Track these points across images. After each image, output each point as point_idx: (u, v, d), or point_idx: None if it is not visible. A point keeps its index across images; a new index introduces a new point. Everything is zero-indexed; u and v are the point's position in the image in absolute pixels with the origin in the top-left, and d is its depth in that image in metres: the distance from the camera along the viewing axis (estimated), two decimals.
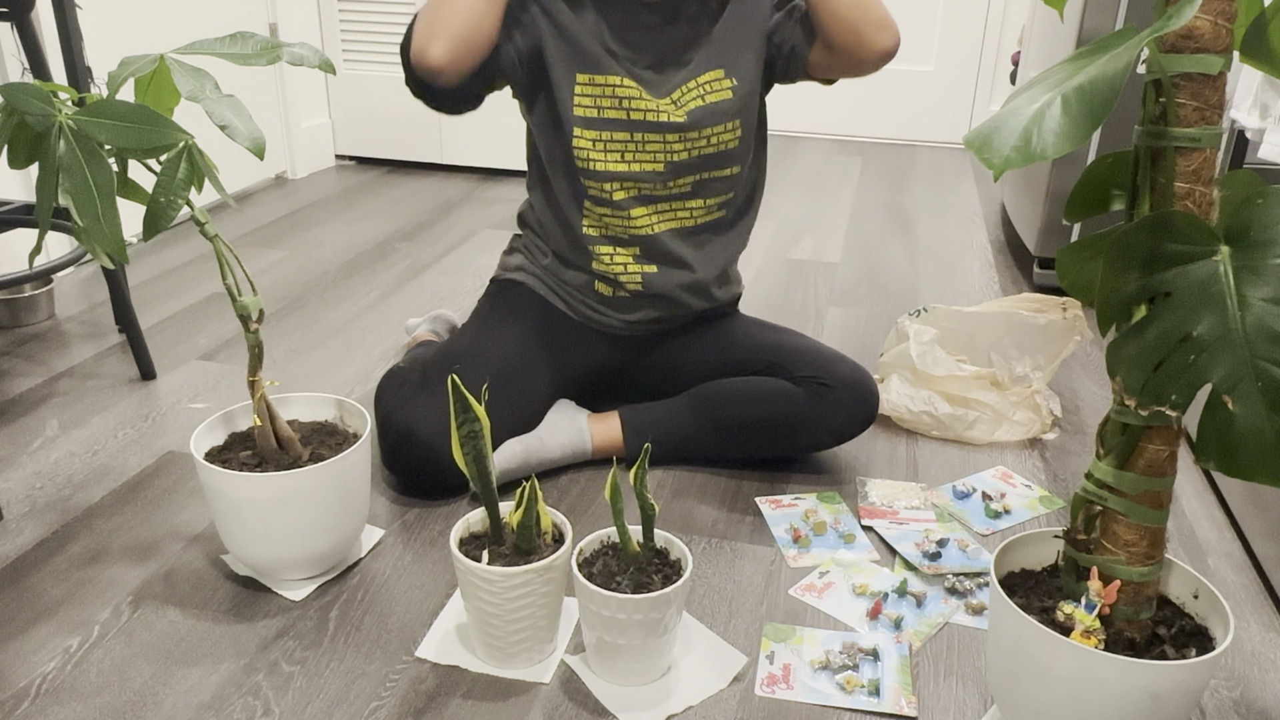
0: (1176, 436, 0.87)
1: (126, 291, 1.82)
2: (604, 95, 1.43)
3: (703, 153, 1.47)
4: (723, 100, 1.45)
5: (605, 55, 1.43)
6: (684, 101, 1.44)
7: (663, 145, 1.45)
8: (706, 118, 1.45)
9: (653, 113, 1.43)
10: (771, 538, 1.39)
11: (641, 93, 1.43)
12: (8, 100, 1.03)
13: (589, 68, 1.43)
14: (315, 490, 1.20)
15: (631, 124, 1.44)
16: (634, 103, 1.43)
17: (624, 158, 1.46)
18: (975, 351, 1.79)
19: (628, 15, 1.43)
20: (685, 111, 1.44)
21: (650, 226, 1.49)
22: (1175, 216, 0.80)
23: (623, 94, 1.43)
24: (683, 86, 1.44)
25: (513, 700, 1.10)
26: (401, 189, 3.14)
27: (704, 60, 1.45)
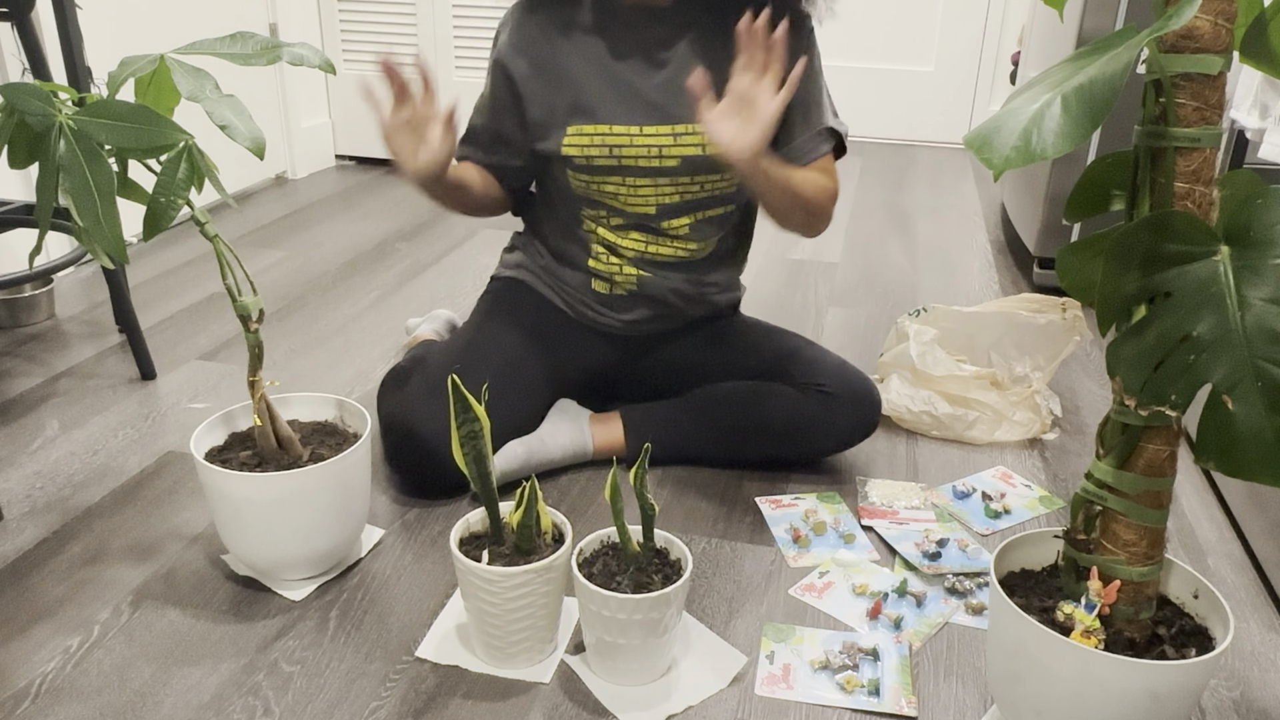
0: (1176, 436, 0.87)
1: (126, 291, 1.82)
2: (593, 144, 1.40)
3: (696, 197, 1.45)
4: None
5: (596, 100, 1.40)
6: (682, 143, 1.40)
7: (654, 189, 1.43)
8: (702, 166, 1.41)
9: (644, 158, 1.40)
10: (771, 538, 1.39)
11: (633, 138, 1.39)
12: (8, 100, 1.03)
13: (578, 117, 1.41)
14: (315, 490, 1.19)
15: (623, 169, 1.42)
16: (624, 150, 1.40)
17: (617, 199, 1.45)
18: (975, 351, 1.79)
19: (638, 49, 1.39)
20: (680, 156, 1.40)
21: (645, 248, 1.49)
22: (1175, 216, 0.80)
23: (613, 141, 1.40)
24: (688, 125, 1.39)
25: (513, 700, 1.10)
26: (401, 189, 3.14)
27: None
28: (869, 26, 3.70)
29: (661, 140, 1.40)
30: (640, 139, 1.40)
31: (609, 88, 1.40)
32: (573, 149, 1.41)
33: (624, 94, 1.40)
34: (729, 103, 1.20)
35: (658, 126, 1.39)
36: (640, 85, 1.39)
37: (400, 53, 1.24)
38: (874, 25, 3.69)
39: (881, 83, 3.76)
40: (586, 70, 1.40)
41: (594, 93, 1.40)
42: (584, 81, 1.40)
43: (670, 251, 1.49)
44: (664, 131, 1.39)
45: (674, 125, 1.39)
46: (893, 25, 3.68)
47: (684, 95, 1.38)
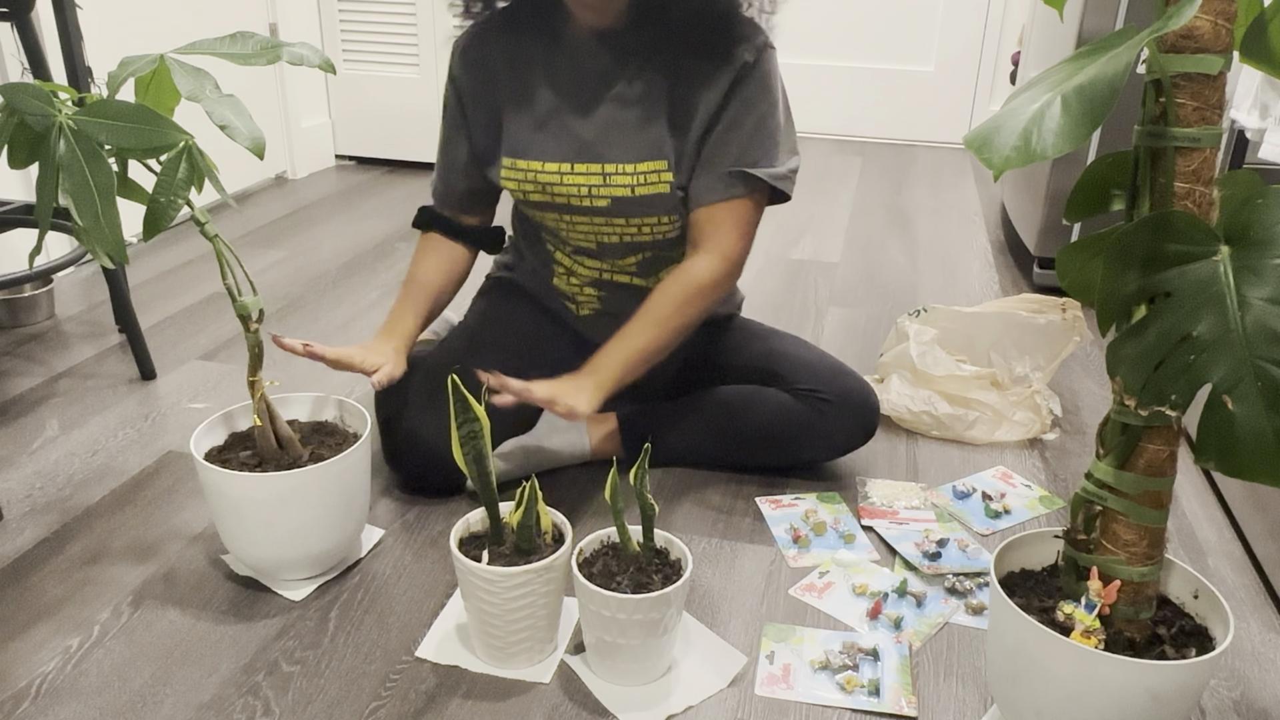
0: (1176, 436, 0.87)
1: (126, 291, 1.82)
2: (525, 180, 1.39)
3: (636, 239, 1.42)
4: (658, 194, 1.35)
5: (531, 134, 1.37)
6: (612, 184, 1.35)
7: (591, 227, 1.41)
8: (633, 208, 1.36)
9: (575, 197, 1.37)
10: (771, 538, 1.39)
11: (563, 176, 1.35)
12: (8, 100, 1.03)
13: (510, 151, 1.39)
14: (315, 490, 1.19)
15: (556, 206, 1.40)
16: (556, 188, 1.37)
17: (559, 233, 1.45)
18: (975, 351, 1.79)
19: (579, 83, 1.36)
20: (610, 197, 1.36)
21: (600, 275, 1.49)
22: (1175, 216, 0.80)
23: (544, 179, 1.37)
24: (619, 165, 1.34)
25: (513, 700, 1.10)
26: (401, 189, 3.14)
27: (648, 147, 1.34)
28: (869, 26, 3.70)
29: (591, 180, 1.36)
30: (571, 177, 1.36)
31: (545, 122, 1.37)
32: (509, 183, 1.41)
33: (558, 130, 1.36)
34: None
35: (589, 165, 1.35)
36: (576, 122, 1.36)
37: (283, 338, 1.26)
38: (874, 25, 3.69)
39: (881, 83, 3.76)
40: (526, 102, 1.38)
41: (530, 126, 1.38)
42: (522, 114, 1.39)
43: (626, 279, 1.49)
44: (594, 170, 1.35)
45: (604, 164, 1.35)
46: (893, 25, 3.68)
47: (618, 135, 1.34)
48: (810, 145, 3.76)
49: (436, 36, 3.16)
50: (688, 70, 1.32)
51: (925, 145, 3.79)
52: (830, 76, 3.79)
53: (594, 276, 1.49)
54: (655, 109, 1.34)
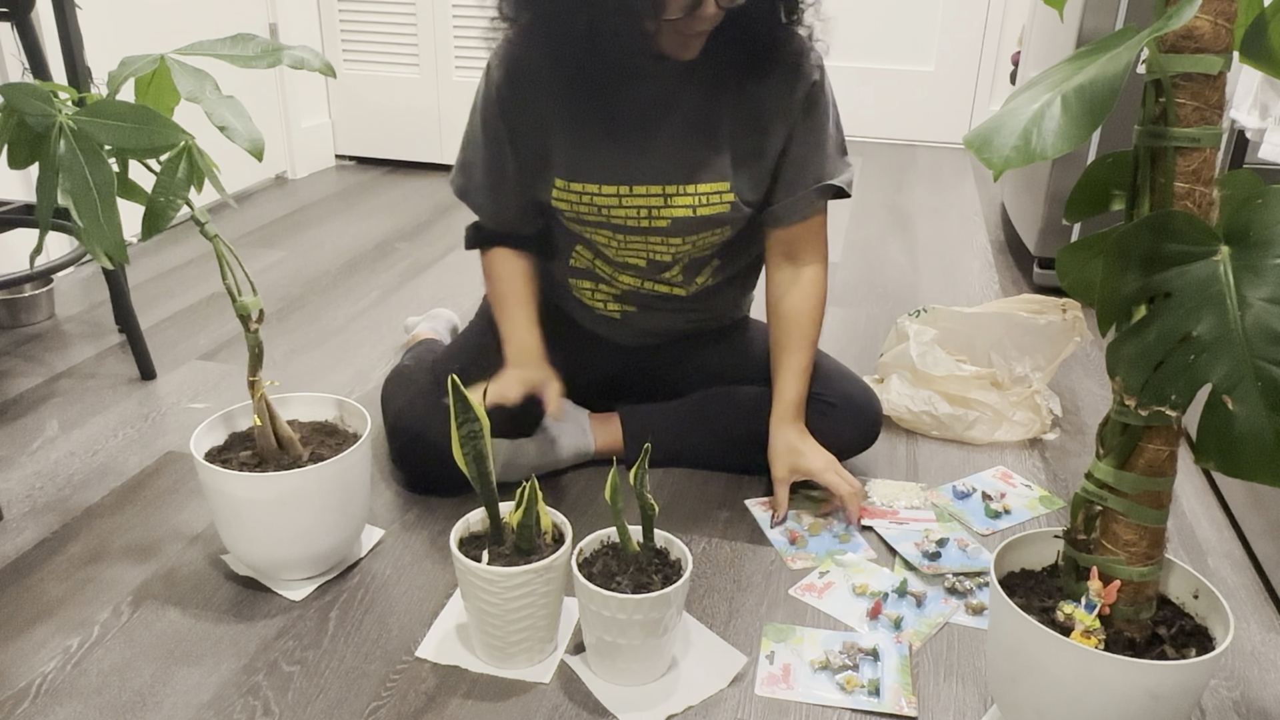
0: (1176, 436, 0.87)
1: (126, 291, 1.82)
2: (580, 201, 1.36)
3: (686, 254, 1.43)
4: (716, 214, 1.36)
5: (584, 156, 1.34)
6: (673, 204, 1.35)
7: (645, 246, 1.40)
8: (693, 227, 1.37)
9: (633, 219, 1.36)
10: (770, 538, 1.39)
11: (622, 198, 1.34)
12: (8, 100, 1.03)
13: (564, 173, 1.36)
14: (315, 490, 1.19)
15: (611, 226, 1.38)
16: (613, 210, 1.35)
17: (609, 249, 1.43)
18: (975, 352, 1.79)
19: (638, 104, 1.33)
20: (670, 218, 1.35)
21: (636, 288, 1.48)
22: (1175, 216, 0.80)
23: (600, 201, 1.35)
24: (680, 186, 1.34)
25: (513, 700, 1.10)
26: (401, 189, 3.14)
27: (710, 168, 1.34)
28: (869, 26, 3.70)
29: (652, 201, 1.35)
30: (630, 199, 1.35)
31: (601, 145, 1.34)
32: (561, 204, 1.38)
33: (616, 152, 1.34)
34: None
35: (648, 186, 1.34)
36: (635, 144, 1.33)
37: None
38: (874, 25, 3.69)
39: (881, 83, 3.76)
40: (579, 123, 1.34)
41: (584, 148, 1.34)
42: (575, 135, 1.34)
43: (666, 289, 1.49)
44: (654, 191, 1.34)
45: (664, 186, 1.34)
46: (893, 25, 3.68)
47: (680, 157, 1.33)
48: None
49: (436, 36, 3.16)
50: (754, 92, 1.33)
51: (925, 145, 3.79)
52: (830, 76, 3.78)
53: (633, 287, 1.48)
54: (718, 131, 1.34)
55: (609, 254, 1.44)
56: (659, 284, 1.48)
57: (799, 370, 1.43)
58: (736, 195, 1.36)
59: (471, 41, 3.15)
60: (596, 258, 1.47)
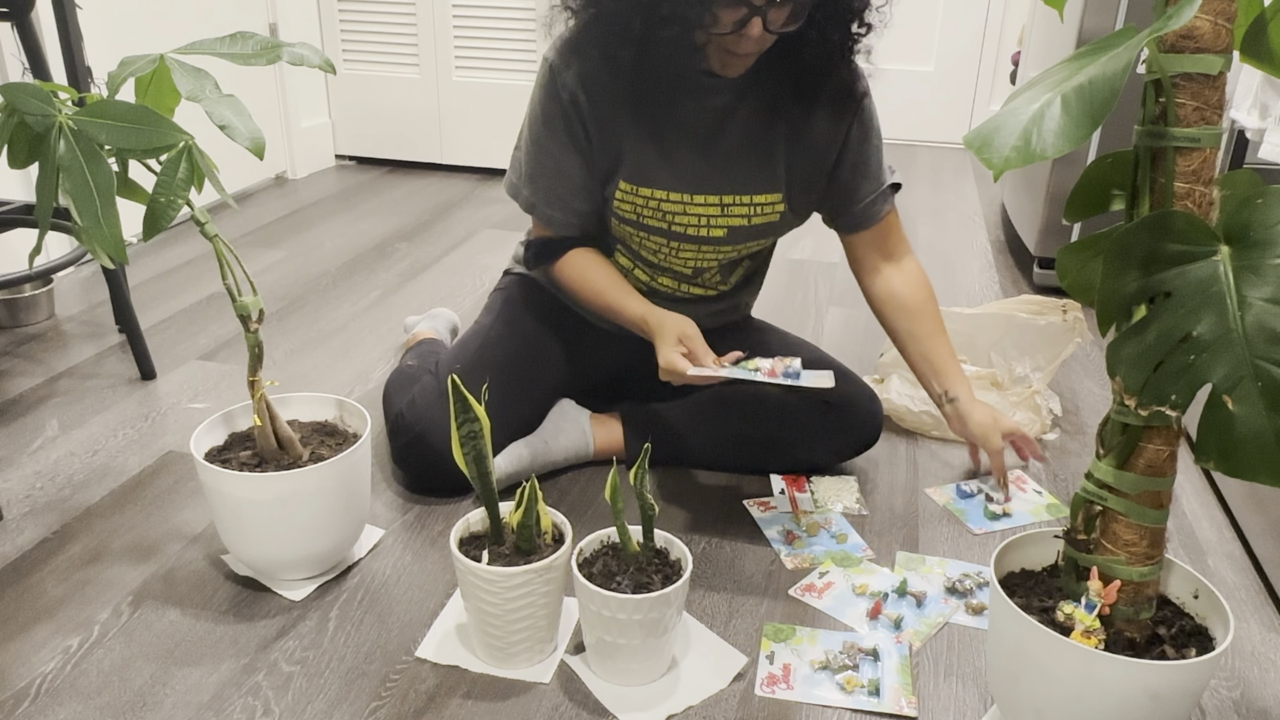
0: (1176, 436, 0.87)
1: (126, 291, 1.82)
2: (646, 206, 1.40)
3: (730, 259, 1.48)
4: (769, 223, 1.43)
5: (654, 163, 1.37)
6: (729, 214, 1.40)
7: (696, 254, 1.45)
8: (745, 235, 1.43)
9: (693, 226, 1.40)
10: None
11: (685, 206, 1.39)
12: (8, 100, 1.03)
13: (632, 177, 1.38)
14: (315, 490, 1.19)
15: (670, 234, 1.42)
16: (676, 217, 1.40)
17: (656, 255, 1.47)
18: (975, 352, 1.79)
19: (698, 117, 1.37)
20: (726, 227, 1.41)
21: (672, 290, 1.52)
22: (1175, 216, 0.80)
23: (667, 208, 1.39)
24: (737, 196, 1.39)
25: (513, 700, 1.10)
26: (401, 189, 3.14)
27: (766, 180, 1.40)
28: None
29: (710, 210, 1.40)
30: (692, 208, 1.40)
31: (669, 154, 1.37)
32: (625, 206, 1.40)
33: (682, 161, 1.38)
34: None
35: (708, 196, 1.39)
36: (698, 155, 1.38)
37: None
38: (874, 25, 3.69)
39: (881, 83, 3.74)
40: (650, 133, 1.37)
41: (654, 156, 1.38)
42: (646, 143, 1.37)
43: (700, 291, 1.52)
44: (713, 201, 1.39)
45: (722, 196, 1.39)
46: (893, 25, 3.67)
47: (738, 169, 1.39)
48: None
49: (436, 36, 3.16)
50: (807, 108, 1.39)
51: (925, 145, 3.79)
52: None
53: (669, 289, 1.51)
54: (774, 144, 1.39)
55: (656, 259, 1.47)
56: (695, 287, 1.51)
57: (951, 351, 1.49)
58: (787, 205, 1.43)
59: (472, 41, 3.15)
60: (637, 261, 1.49)
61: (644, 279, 1.51)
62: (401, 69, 3.24)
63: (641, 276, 1.51)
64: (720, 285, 1.53)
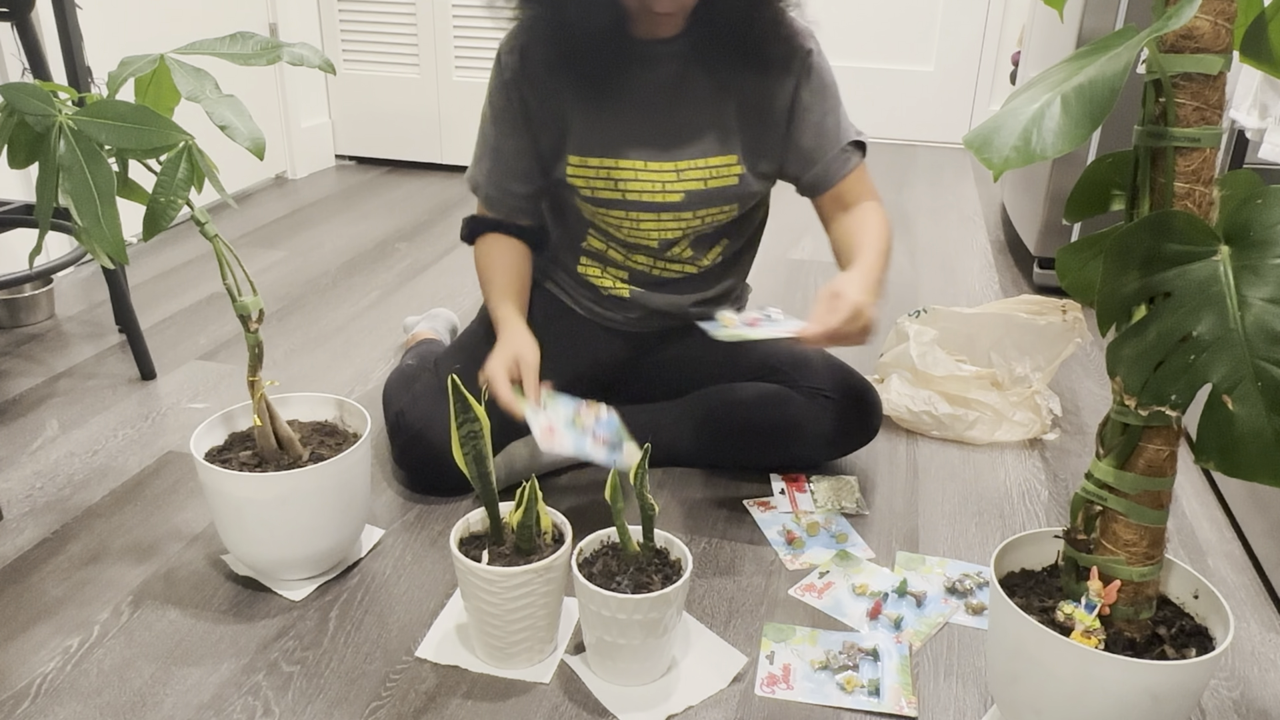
0: (1176, 436, 0.87)
1: (126, 291, 1.82)
2: (596, 177, 1.40)
3: (697, 231, 1.46)
4: (727, 186, 1.41)
5: (602, 133, 1.39)
6: (685, 179, 1.39)
7: (656, 223, 1.43)
8: (704, 201, 1.41)
9: (648, 193, 1.40)
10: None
11: (637, 172, 1.39)
12: (8, 100, 1.03)
13: (580, 149, 1.40)
14: (315, 490, 1.19)
15: (627, 203, 1.41)
16: (629, 184, 1.39)
17: (620, 230, 1.46)
18: (975, 352, 1.79)
19: (645, 84, 1.38)
20: (683, 191, 1.40)
21: (648, 268, 1.50)
22: (1175, 216, 0.80)
23: (618, 175, 1.39)
24: (692, 160, 1.39)
25: (513, 700, 1.10)
26: (401, 189, 3.14)
27: (719, 141, 1.40)
28: (869, 26, 3.70)
29: (665, 176, 1.39)
30: (645, 174, 1.39)
31: (616, 122, 1.39)
32: (577, 179, 1.41)
33: (630, 129, 1.39)
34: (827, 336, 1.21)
35: (661, 163, 1.39)
36: (647, 121, 1.39)
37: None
38: (874, 25, 3.69)
39: (881, 83, 3.76)
40: (595, 102, 1.39)
41: (600, 126, 1.39)
42: (592, 114, 1.39)
43: (678, 268, 1.50)
44: (667, 167, 1.39)
45: (677, 161, 1.39)
46: (893, 25, 3.68)
47: (690, 132, 1.39)
48: None
49: (436, 36, 3.16)
50: (755, 69, 1.38)
51: (925, 145, 3.79)
52: None
53: (645, 268, 1.50)
54: (724, 106, 1.39)
55: (621, 235, 1.46)
56: (670, 263, 1.50)
57: (871, 255, 1.33)
58: (745, 168, 1.41)
59: (472, 41, 3.15)
60: (610, 242, 1.49)
61: (619, 258, 1.50)
62: (401, 69, 3.23)
63: (617, 256, 1.50)
64: (699, 262, 1.50)
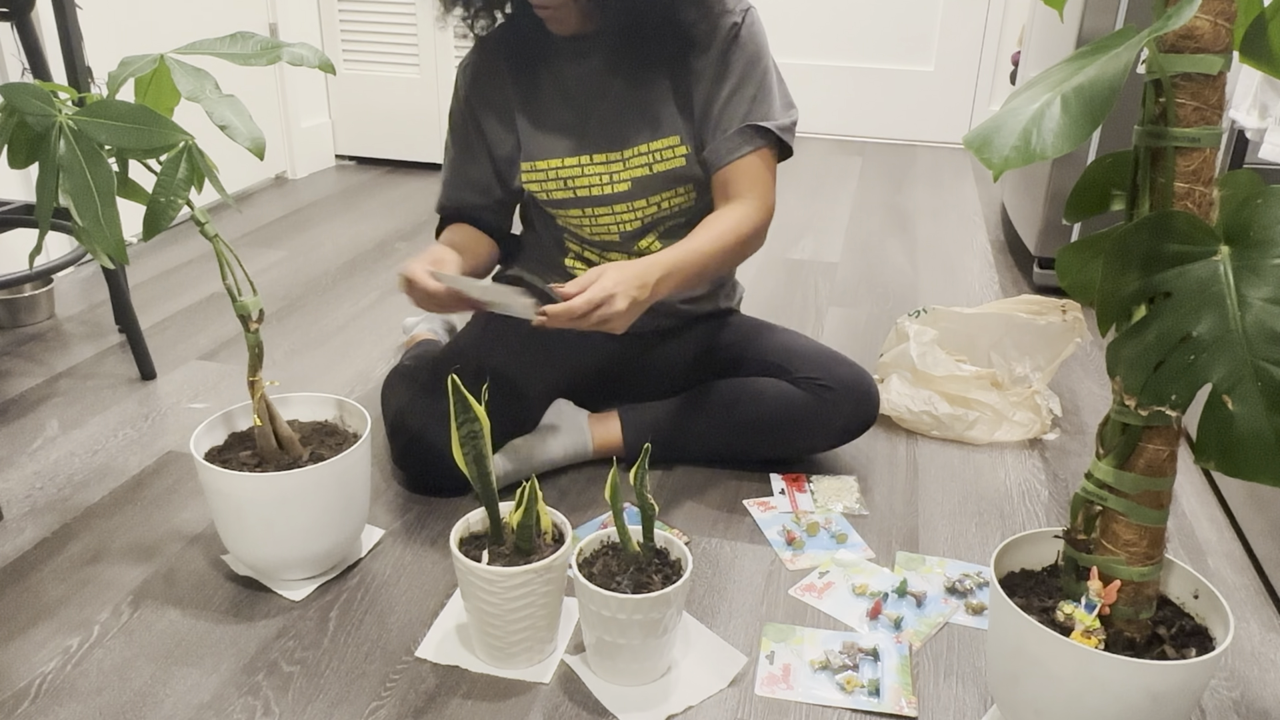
0: (1176, 436, 0.87)
1: (126, 291, 1.82)
2: (548, 179, 1.44)
3: (655, 217, 1.47)
4: (674, 168, 1.42)
5: (543, 135, 1.43)
6: (631, 166, 1.41)
7: (613, 217, 1.46)
8: (652, 185, 1.43)
9: (597, 186, 1.42)
10: None
11: (584, 168, 1.41)
12: (8, 100, 1.03)
13: (529, 154, 1.44)
14: (315, 490, 1.20)
15: (579, 200, 1.44)
16: (577, 180, 1.42)
17: (582, 229, 1.48)
18: (975, 352, 1.79)
19: (579, 81, 1.42)
20: (630, 179, 1.42)
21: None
22: (1175, 216, 0.80)
23: (565, 174, 1.43)
24: (634, 148, 1.41)
25: (513, 700, 1.10)
26: (401, 189, 3.14)
27: (659, 125, 1.41)
28: (869, 26, 3.70)
29: (612, 167, 1.42)
30: (591, 168, 1.42)
31: (557, 122, 1.43)
32: (532, 184, 1.46)
33: (570, 126, 1.43)
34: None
35: (606, 154, 1.42)
36: (586, 116, 1.42)
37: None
38: (874, 25, 3.69)
39: (881, 83, 3.76)
40: (536, 106, 1.44)
41: (543, 128, 1.44)
42: (534, 117, 1.44)
43: None
44: (613, 157, 1.42)
45: (621, 150, 1.42)
46: (893, 25, 3.68)
47: (628, 119, 1.41)
48: (810, 145, 3.76)
49: (436, 36, 3.16)
50: (680, 46, 1.39)
51: (925, 145, 3.79)
52: (830, 76, 3.79)
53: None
54: (658, 88, 1.41)
55: (586, 235, 1.49)
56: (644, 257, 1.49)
57: (676, 254, 1.31)
58: (690, 148, 1.42)
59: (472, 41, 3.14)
60: (582, 244, 1.52)
61: (596, 258, 1.52)
62: (401, 69, 3.23)
63: (593, 257, 1.53)
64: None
